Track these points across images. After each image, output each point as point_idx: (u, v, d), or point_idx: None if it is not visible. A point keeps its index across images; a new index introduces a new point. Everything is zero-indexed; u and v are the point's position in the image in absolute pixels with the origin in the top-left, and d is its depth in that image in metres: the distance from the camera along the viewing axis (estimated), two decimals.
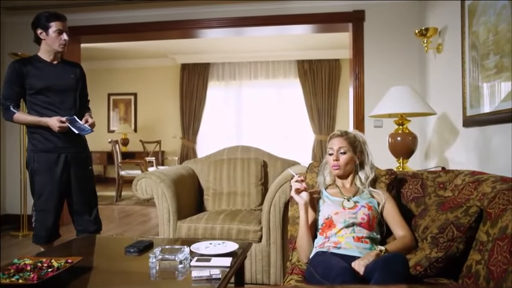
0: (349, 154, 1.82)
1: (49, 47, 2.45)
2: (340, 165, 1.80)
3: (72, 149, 2.53)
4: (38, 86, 2.41)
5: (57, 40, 2.43)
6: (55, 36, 2.41)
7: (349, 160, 1.82)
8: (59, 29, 2.42)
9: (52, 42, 2.43)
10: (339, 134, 1.86)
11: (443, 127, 3.15)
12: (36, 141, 2.43)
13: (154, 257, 1.58)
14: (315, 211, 1.80)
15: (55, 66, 2.51)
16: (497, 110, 2.22)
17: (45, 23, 2.40)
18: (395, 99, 2.67)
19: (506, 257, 1.22)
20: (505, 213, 1.34)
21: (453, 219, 1.56)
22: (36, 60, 2.47)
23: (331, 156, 1.82)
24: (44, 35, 2.42)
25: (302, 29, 4.55)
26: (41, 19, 2.41)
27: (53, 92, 2.45)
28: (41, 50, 2.49)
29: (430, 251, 1.56)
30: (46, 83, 2.42)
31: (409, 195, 2.00)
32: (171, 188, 2.69)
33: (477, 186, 1.68)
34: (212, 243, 1.84)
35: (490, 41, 2.32)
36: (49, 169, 2.43)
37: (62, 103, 2.48)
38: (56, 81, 2.46)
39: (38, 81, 2.41)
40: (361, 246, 1.62)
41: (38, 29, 2.42)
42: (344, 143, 1.81)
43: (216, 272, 1.45)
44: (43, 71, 2.44)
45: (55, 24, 2.40)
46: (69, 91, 2.53)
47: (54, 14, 2.43)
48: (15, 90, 2.40)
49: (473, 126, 2.56)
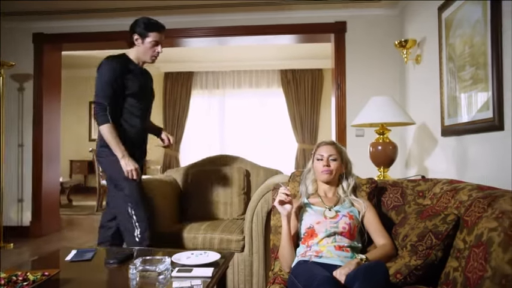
0: (338, 162, 1.86)
1: (140, 55, 2.41)
2: (331, 170, 1.83)
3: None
4: (133, 89, 2.34)
5: (150, 51, 2.38)
6: (149, 47, 2.37)
7: (338, 168, 1.86)
8: (156, 41, 2.36)
9: (145, 52, 2.38)
10: (329, 143, 1.91)
11: (423, 136, 3.22)
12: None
13: (134, 268, 1.55)
14: (298, 220, 1.81)
15: (142, 71, 2.47)
16: (474, 120, 2.28)
17: (143, 31, 2.34)
18: (376, 109, 2.72)
19: (482, 263, 1.25)
20: (481, 221, 1.37)
21: (432, 227, 1.59)
22: (129, 61, 2.41)
23: (320, 162, 1.84)
24: (139, 41, 2.37)
25: (285, 39, 4.60)
26: (139, 25, 2.36)
27: (141, 98, 2.41)
28: (131, 52, 2.43)
29: (409, 259, 1.58)
30: (139, 86, 2.38)
31: (390, 204, 2.03)
32: (151, 198, 2.65)
33: (454, 194, 1.72)
34: (194, 253, 1.82)
35: (466, 53, 2.39)
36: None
37: (145, 110, 2.47)
38: (145, 86, 2.45)
39: (134, 84, 2.35)
40: (342, 255, 1.63)
41: (135, 34, 2.37)
42: (334, 151, 1.86)
43: (197, 282, 1.44)
44: (136, 73, 2.39)
45: (153, 35, 2.35)
46: (151, 99, 2.55)
47: (155, 24, 2.37)
48: (112, 90, 2.28)
49: (451, 136, 2.63)
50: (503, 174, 1.97)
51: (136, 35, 2.37)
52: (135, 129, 2.40)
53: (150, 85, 2.55)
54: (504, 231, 1.21)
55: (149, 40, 2.35)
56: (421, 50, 3.32)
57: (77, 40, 4.51)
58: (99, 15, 4.28)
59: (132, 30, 2.39)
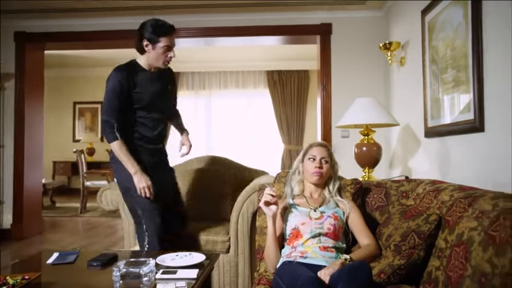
0: (329, 165, 1.88)
1: (151, 61, 2.24)
2: (322, 172, 1.84)
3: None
4: (141, 102, 2.22)
5: (163, 57, 2.21)
6: (161, 53, 2.19)
7: (328, 170, 1.87)
8: (168, 45, 2.19)
9: (156, 58, 2.21)
10: (322, 144, 1.93)
11: (407, 137, 3.26)
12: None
13: (118, 270, 1.53)
14: (283, 221, 1.82)
15: (153, 75, 2.29)
16: (456, 121, 2.32)
17: (153, 36, 2.15)
18: (360, 110, 2.74)
19: (462, 262, 1.27)
20: (462, 221, 1.40)
21: (414, 227, 1.61)
22: (138, 69, 2.25)
23: (313, 162, 1.85)
24: (149, 48, 2.19)
25: (272, 40, 4.61)
26: (148, 29, 2.15)
27: (152, 109, 2.28)
28: (141, 58, 2.27)
29: (393, 259, 1.60)
30: (150, 96, 2.24)
31: (374, 204, 2.05)
32: None
33: (437, 194, 1.74)
34: (178, 254, 1.81)
35: (448, 55, 2.43)
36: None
37: (159, 120, 2.34)
38: (158, 93, 2.29)
39: (142, 96, 2.22)
40: (327, 256, 1.64)
41: (144, 40, 2.17)
42: (326, 153, 1.88)
43: (181, 284, 1.43)
44: (145, 83, 2.24)
45: (164, 40, 2.16)
46: (167, 103, 2.42)
47: (165, 27, 2.18)
48: (119, 104, 2.18)
49: (434, 137, 2.67)
50: (484, 174, 2.01)
51: (145, 41, 2.17)
52: (148, 140, 2.32)
53: (166, 88, 2.36)
54: (484, 231, 1.24)
55: (161, 45, 2.17)
56: (405, 52, 3.36)
57: (60, 39, 4.44)
58: (82, 15, 4.23)
59: (140, 35, 2.19)
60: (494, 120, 1.94)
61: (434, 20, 2.64)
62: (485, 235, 1.22)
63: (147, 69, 2.27)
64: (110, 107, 2.18)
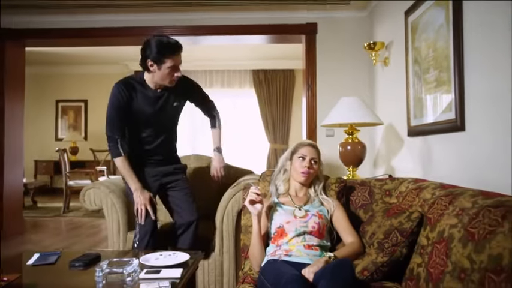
0: (318, 166, 1.89)
1: (157, 80, 2.17)
2: (310, 172, 1.85)
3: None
4: (140, 119, 2.19)
5: (169, 77, 2.13)
6: (167, 73, 2.11)
7: (317, 170, 1.89)
8: (174, 65, 2.11)
9: (162, 78, 2.13)
10: (313, 145, 1.93)
11: (390, 136, 3.30)
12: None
13: (100, 270, 1.51)
14: (268, 219, 1.82)
15: (156, 94, 2.23)
16: (438, 120, 2.36)
17: (159, 57, 2.06)
18: (345, 110, 2.77)
19: (443, 259, 1.30)
20: (443, 218, 1.42)
21: (397, 224, 1.63)
22: (141, 86, 2.19)
23: (302, 161, 1.85)
24: (155, 68, 2.10)
25: (257, 39, 4.61)
26: (152, 49, 2.05)
27: (147, 124, 2.25)
28: (147, 76, 2.19)
29: (376, 256, 1.62)
30: (145, 116, 2.21)
31: (358, 203, 2.07)
32: (121, 198, 2.60)
33: (419, 192, 1.77)
34: (163, 254, 1.80)
35: (430, 56, 2.47)
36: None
37: (155, 136, 2.30)
38: (154, 113, 2.23)
39: (141, 113, 2.19)
40: (311, 254, 1.65)
41: (149, 60, 2.08)
42: (316, 154, 1.89)
43: (165, 284, 1.41)
44: (144, 100, 2.19)
45: (170, 60, 2.08)
46: (168, 125, 2.37)
47: (170, 47, 2.08)
48: (119, 119, 2.16)
49: (417, 136, 2.71)
50: (464, 172, 2.05)
51: (150, 62, 2.08)
52: (145, 159, 2.32)
53: (171, 106, 2.30)
54: (464, 228, 1.26)
55: (167, 66, 2.09)
56: (389, 52, 3.40)
57: (41, 36, 4.35)
58: (64, 11, 4.15)
59: (144, 55, 2.10)
60: (474, 120, 1.98)
61: (417, 21, 2.68)
62: (465, 232, 1.24)
63: (151, 88, 2.21)
64: (110, 121, 2.17)
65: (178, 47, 2.13)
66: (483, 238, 1.15)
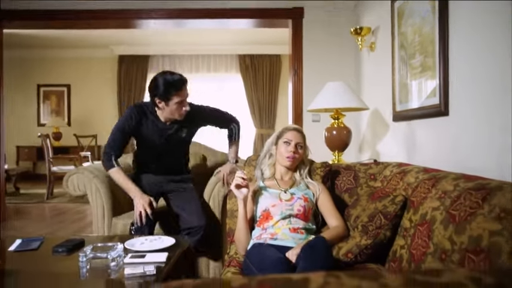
0: (303, 150, 1.90)
1: (167, 115, 2.22)
2: (296, 157, 1.86)
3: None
4: (147, 145, 2.29)
5: (177, 111, 2.18)
6: (175, 108, 2.16)
7: (302, 155, 1.90)
8: (181, 101, 2.15)
9: (171, 113, 2.19)
10: (298, 129, 1.94)
11: (376, 122, 3.33)
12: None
13: (84, 255, 1.50)
14: (254, 203, 1.82)
15: (165, 126, 2.29)
16: (423, 106, 2.38)
17: (165, 94, 2.11)
18: (331, 95, 2.77)
19: (425, 241, 1.32)
20: (425, 201, 1.45)
21: (381, 208, 1.65)
22: (153, 115, 2.25)
23: (287, 146, 1.85)
24: (163, 105, 2.15)
25: (243, 23, 4.55)
26: (159, 87, 2.10)
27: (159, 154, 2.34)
28: (157, 110, 2.24)
29: (360, 239, 1.64)
30: (156, 144, 2.29)
31: (343, 187, 2.09)
32: (105, 183, 2.57)
33: (403, 176, 1.79)
34: (148, 238, 1.79)
35: (416, 41, 2.48)
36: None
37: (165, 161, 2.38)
38: (165, 143, 2.30)
39: (148, 141, 2.28)
40: (296, 237, 1.67)
41: (157, 98, 2.14)
42: (301, 139, 1.90)
43: (150, 268, 1.41)
44: (151, 131, 2.26)
45: (177, 97, 2.12)
46: (176, 152, 2.42)
47: (175, 83, 2.12)
48: (123, 140, 2.24)
49: (402, 121, 2.73)
50: (447, 157, 2.08)
51: (157, 99, 2.15)
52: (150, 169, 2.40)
53: (179, 136, 2.35)
54: (446, 210, 1.28)
55: (174, 102, 2.14)
56: (375, 37, 3.40)
57: (20, 18, 4.21)
58: None
59: (152, 93, 2.17)
60: (458, 105, 2.00)
61: (404, 7, 2.67)
62: (447, 214, 1.27)
63: (161, 120, 2.27)
64: (112, 140, 2.23)
65: (183, 82, 2.17)
66: (464, 220, 1.17)
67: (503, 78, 1.62)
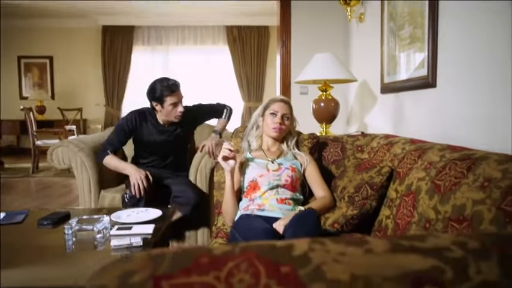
0: (290, 121, 1.88)
1: (164, 117, 2.43)
2: (282, 128, 1.85)
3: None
4: (143, 144, 2.47)
5: (173, 112, 2.39)
6: (170, 109, 2.38)
7: (289, 126, 1.89)
8: (174, 102, 2.36)
9: (167, 114, 2.41)
10: (285, 100, 1.91)
11: (364, 94, 3.32)
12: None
13: (70, 228, 1.49)
14: (241, 175, 1.82)
15: (163, 128, 2.49)
16: (411, 77, 2.37)
17: (160, 97, 2.35)
18: (319, 66, 2.73)
19: (410, 210, 1.34)
20: (411, 172, 1.46)
21: (368, 179, 1.67)
22: (152, 119, 2.47)
23: (275, 117, 1.84)
24: (159, 107, 2.39)
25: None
26: (155, 91, 2.36)
27: (156, 154, 2.51)
28: (157, 114, 2.46)
29: (346, 209, 1.66)
30: (155, 144, 2.47)
31: (330, 158, 2.10)
32: (90, 156, 2.54)
33: (390, 148, 1.80)
34: (134, 211, 1.78)
35: (405, 12, 2.44)
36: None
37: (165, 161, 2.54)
38: (164, 143, 2.48)
39: (148, 141, 2.46)
40: (284, 208, 1.67)
41: (153, 101, 2.39)
42: (288, 110, 1.88)
43: (137, 239, 1.41)
44: (149, 133, 2.46)
45: (170, 99, 2.35)
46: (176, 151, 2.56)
47: (169, 87, 2.36)
48: (123, 139, 2.43)
49: (390, 93, 2.72)
50: (433, 128, 2.09)
51: (155, 102, 2.39)
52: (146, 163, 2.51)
53: (176, 135, 2.52)
54: (431, 180, 1.30)
55: (168, 103, 2.36)
56: (364, 8, 3.34)
57: None
58: None
59: (150, 98, 2.41)
60: (446, 77, 1.99)
61: None
62: (432, 184, 1.28)
63: (160, 123, 2.48)
64: (112, 139, 2.42)
65: (176, 85, 2.41)
66: (449, 190, 1.18)
67: (491, 50, 1.61)
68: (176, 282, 0.34)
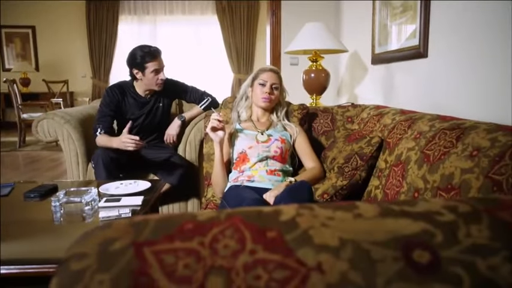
0: (279, 91, 1.86)
1: (145, 86, 2.37)
2: (272, 98, 1.82)
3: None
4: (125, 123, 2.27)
5: (154, 80, 2.33)
6: (152, 77, 2.32)
7: (278, 96, 1.86)
8: (156, 69, 2.30)
9: (149, 82, 2.34)
10: (274, 70, 1.88)
11: (355, 64, 3.28)
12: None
13: (57, 200, 1.47)
14: (230, 146, 1.80)
15: (143, 100, 2.42)
16: (402, 47, 2.34)
17: (141, 63, 2.28)
18: (309, 36, 2.68)
19: (399, 180, 1.34)
20: (401, 142, 1.45)
21: (357, 149, 1.66)
22: (130, 92, 2.40)
23: (263, 87, 1.81)
24: (140, 75, 2.32)
25: None
26: (136, 58, 2.29)
27: (143, 128, 2.42)
28: (137, 85, 2.40)
29: (336, 180, 1.66)
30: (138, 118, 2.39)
31: (320, 129, 2.09)
32: (77, 129, 2.49)
33: (380, 118, 1.79)
34: (123, 183, 1.77)
35: None
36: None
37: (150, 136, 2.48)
38: (147, 116, 2.42)
39: (126, 120, 2.29)
40: (273, 179, 1.67)
41: (134, 69, 2.32)
42: (277, 80, 1.85)
43: (125, 211, 1.40)
44: (130, 106, 2.38)
45: (151, 65, 2.29)
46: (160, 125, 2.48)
47: (150, 53, 2.30)
48: (107, 114, 2.33)
49: (381, 64, 2.70)
50: (424, 98, 2.08)
51: (135, 70, 2.32)
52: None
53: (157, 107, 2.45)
54: (420, 150, 1.29)
55: (150, 70, 2.30)
56: None
57: None
58: None
59: (130, 65, 2.34)
60: (437, 47, 1.97)
61: None
62: (421, 154, 1.28)
63: (140, 94, 2.41)
64: (100, 116, 2.33)
65: (158, 52, 2.34)
66: (437, 159, 1.18)
67: (485, 20, 1.58)
68: (158, 249, 0.33)
